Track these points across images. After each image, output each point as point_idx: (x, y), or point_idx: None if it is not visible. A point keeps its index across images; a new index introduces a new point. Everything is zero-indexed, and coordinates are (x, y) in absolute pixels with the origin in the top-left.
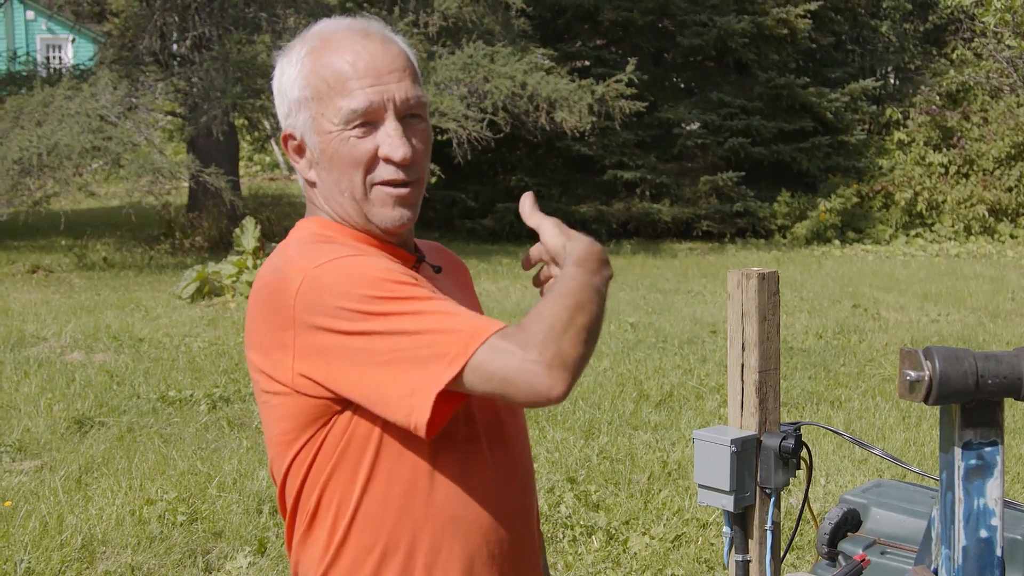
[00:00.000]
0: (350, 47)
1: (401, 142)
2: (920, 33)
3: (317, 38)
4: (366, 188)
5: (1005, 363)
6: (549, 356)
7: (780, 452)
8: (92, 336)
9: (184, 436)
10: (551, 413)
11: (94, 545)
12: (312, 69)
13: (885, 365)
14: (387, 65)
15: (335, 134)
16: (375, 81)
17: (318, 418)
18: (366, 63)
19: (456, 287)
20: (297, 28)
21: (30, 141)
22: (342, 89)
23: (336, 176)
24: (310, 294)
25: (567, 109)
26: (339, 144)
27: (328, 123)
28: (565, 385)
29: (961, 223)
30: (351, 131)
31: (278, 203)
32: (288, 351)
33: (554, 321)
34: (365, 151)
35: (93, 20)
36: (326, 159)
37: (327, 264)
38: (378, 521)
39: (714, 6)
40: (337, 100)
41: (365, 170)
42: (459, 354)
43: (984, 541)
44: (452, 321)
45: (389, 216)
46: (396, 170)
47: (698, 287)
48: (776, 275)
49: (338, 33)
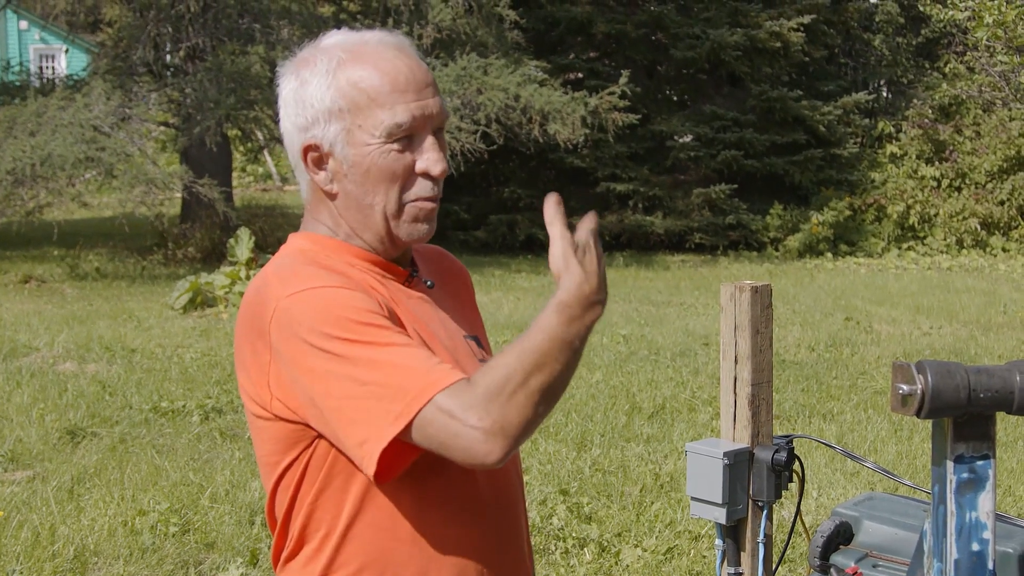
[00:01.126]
0: (389, 60)
1: (439, 157)
2: (913, 47)
3: (346, 50)
4: (400, 204)
5: (997, 377)
6: (489, 422)
7: (773, 465)
8: (84, 346)
9: (176, 447)
10: (543, 426)
11: (86, 556)
12: (348, 81)
13: (877, 378)
14: (423, 80)
15: (374, 147)
16: (417, 96)
17: (298, 441)
18: (407, 78)
19: (452, 299)
20: (291, 39)
21: (23, 151)
22: (384, 102)
23: (367, 189)
24: (282, 323)
25: (560, 121)
26: (378, 157)
27: (367, 135)
28: (501, 452)
29: (953, 236)
30: (391, 144)
31: (271, 214)
32: (265, 376)
33: (504, 381)
34: (404, 166)
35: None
36: (360, 172)
37: (297, 295)
38: (366, 544)
39: (707, 19)
40: (378, 113)
41: (401, 185)
42: (403, 412)
43: (976, 554)
44: (403, 376)
45: (417, 230)
46: (431, 186)
47: (691, 299)
48: (769, 288)
49: (370, 46)
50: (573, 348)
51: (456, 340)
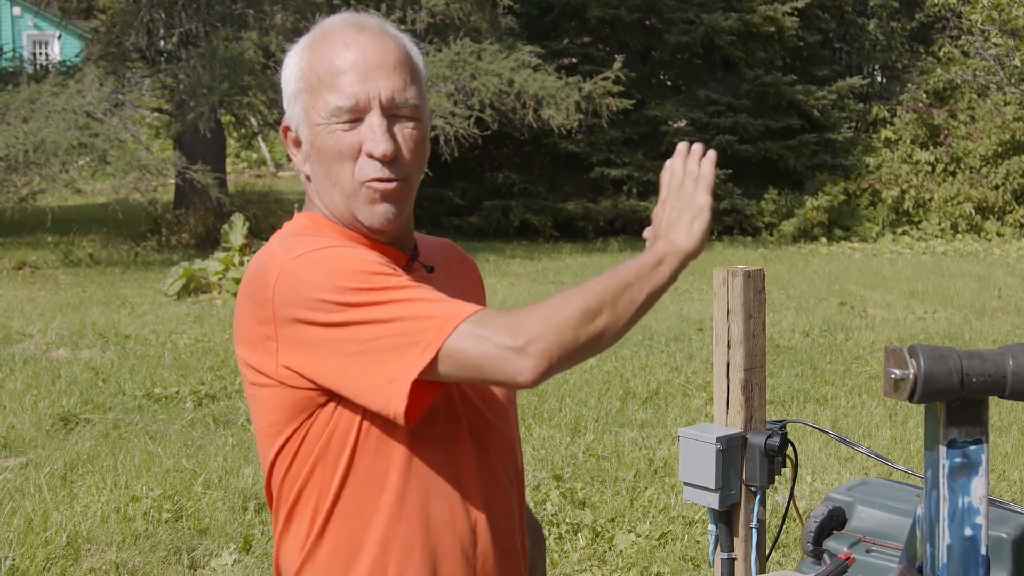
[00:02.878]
0: (342, 40)
1: (384, 138)
2: (907, 31)
3: (317, 32)
4: (355, 185)
5: (990, 361)
6: (522, 341)
7: (766, 450)
8: (78, 333)
9: (170, 433)
10: (537, 410)
11: (79, 542)
12: (307, 62)
13: (871, 363)
14: (377, 60)
15: (322, 127)
16: (363, 76)
17: (302, 410)
18: (355, 57)
19: (456, 285)
20: (284, 24)
21: (16, 138)
22: (331, 83)
23: (326, 169)
24: (287, 286)
25: (554, 106)
26: (326, 137)
27: (317, 116)
28: (534, 372)
29: (948, 221)
30: (337, 125)
31: (265, 200)
32: (271, 343)
33: (554, 308)
34: (349, 145)
35: (80, 16)
36: (316, 152)
37: (304, 256)
38: (354, 517)
39: (701, 4)
40: (325, 94)
41: (352, 164)
42: (432, 341)
43: (969, 539)
44: (427, 308)
45: (374, 213)
46: (381, 167)
47: (685, 284)
48: (762, 273)
49: (335, 27)
50: (647, 293)
51: None
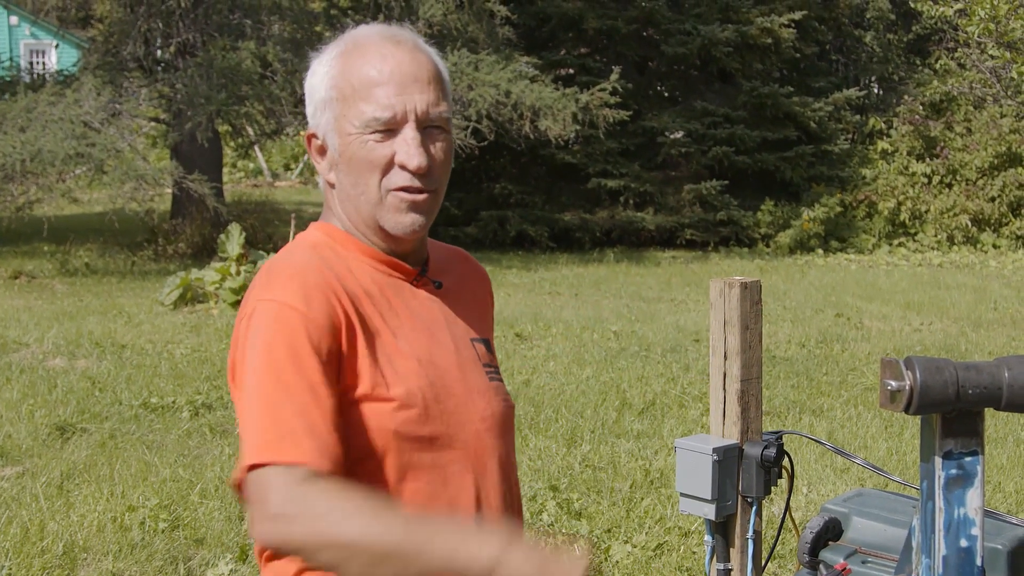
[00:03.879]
0: (379, 52)
1: (418, 151)
2: (904, 43)
3: (350, 42)
4: (381, 193)
5: (986, 373)
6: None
7: (762, 461)
8: (74, 342)
9: (166, 443)
10: (533, 421)
11: (75, 552)
12: (340, 71)
13: (867, 374)
14: (413, 74)
15: (355, 136)
16: (399, 90)
17: None
18: (392, 70)
19: (467, 301)
20: (282, 34)
21: (13, 147)
22: (367, 94)
23: (354, 179)
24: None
25: (551, 117)
26: (358, 147)
27: (349, 125)
28: (268, 538)
29: (944, 233)
30: (370, 135)
31: (262, 209)
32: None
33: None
34: (382, 156)
35: (77, 26)
36: (345, 161)
37: (264, 303)
38: None
39: (698, 15)
40: (360, 104)
41: (381, 174)
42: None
43: (964, 551)
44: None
45: (401, 222)
46: (411, 177)
47: (681, 295)
48: (758, 284)
49: (370, 38)
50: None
51: (461, 343)
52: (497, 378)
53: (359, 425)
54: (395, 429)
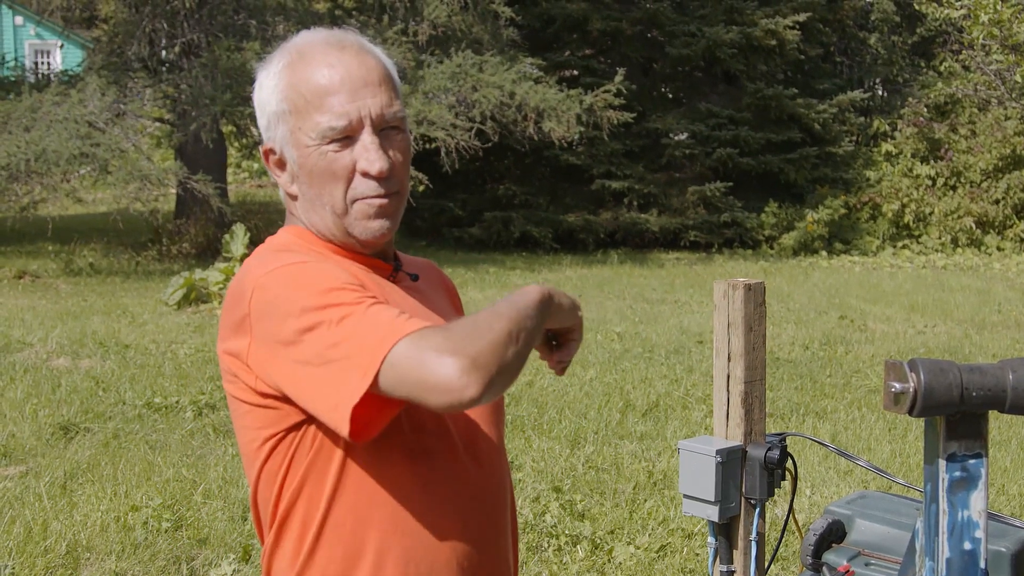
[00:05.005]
0: (325, 60)
1: (378, 155)
2: (908, 45)
3: (294, 51)
4: (347, 203)
5: (990, 375)
6: (464, 358)
7: (765, 463)
8: (78, 342)
9: (169, 443)
10: (536, 422)
11: (78, 551)
12: (289, 83)
13: (871, 376)
14: (363, 79)
15: (313, 148)
16: (351, 96)
17: (286, 426)
18: (341, 76)
19: (436, 300)
20: (286, 35)
21: (18, 147)
22: (319, 104)
23: (317, 190)
24: (259, 303)
25: (555, 119)
26: (317, 159)
27: (306, 137)
28: (479, 387)
29: (948, 235)
30: (328, 146)
31: (266, 210)
32: (248, 359)
33: (480, 325)
34: (343, 166)
35: (82, 26)
36: (306, 173)
37: (274, 271)
38: (345, 532)
39: (703, 17)
40: (314, 115)
41: (346, 184)
42: (369, 364)
43: (968, 553)
44: (373, 329)
45: (369, 228)
46: (376, 185)
47: (685, 297)
48: (762, 286)
49: (314, 46)
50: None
51: None
52: None
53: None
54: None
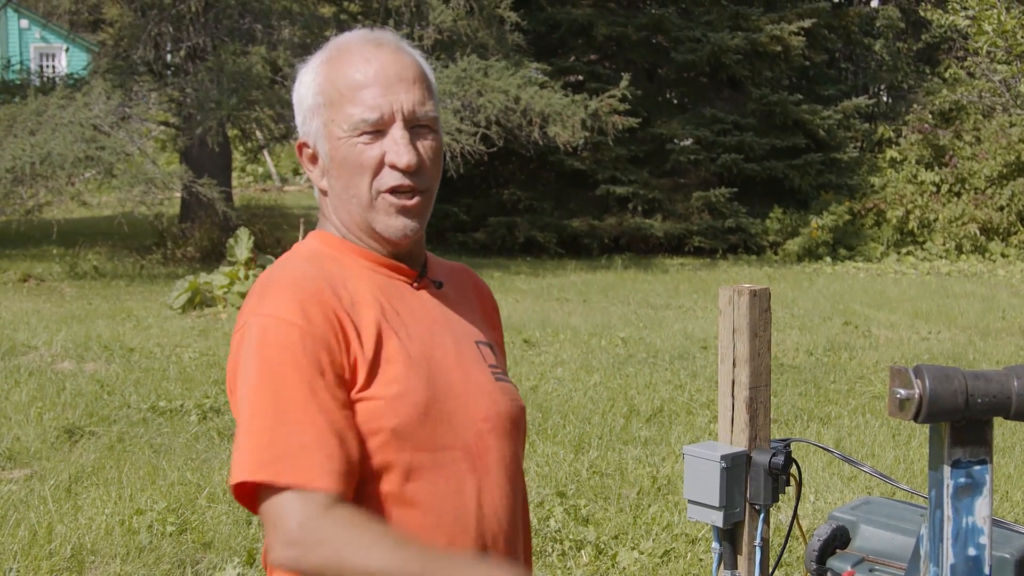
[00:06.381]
0: (362, 55)
1: (407, 149)
2: (913, 52)
3: (333, 48)
4: (372, 195)
5: (995, 382)
6: (299, 559)
7: (770, 468)
8: (83, 345)
9: (174, 446)
10: (541, 427)
11: (83, 555)
12: (325, 77)
13: (875, 383)
14: (397, 74)
15: (344, 140)
16: (385, 90)
17: None
18: (376, 71)
19: (468, 308)
20: (292, 39)
21: (23, 150)
22: (353, 97)
23: (344, 182)
24: (241, 339)
25: (560, 124)
26: (348, 150)
27: (338, 129)
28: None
29: (952, 241)
30: (358, 138)
31: (271, 214)
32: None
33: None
34: (371, 157)
35: (87, 29)
36: (336, 166)
37: (259, 317)
38: None
39: (708, 22)
40: (347, 108)
41: (372, 176)
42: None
43: (972, 559)
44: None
45: (393, 225)
46: (401, 176)
47: (689, 303)
48: (767, 292)
49: (352, 43)
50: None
51: (464, 343)
52: (505, 379)
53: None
54: (393, 428)
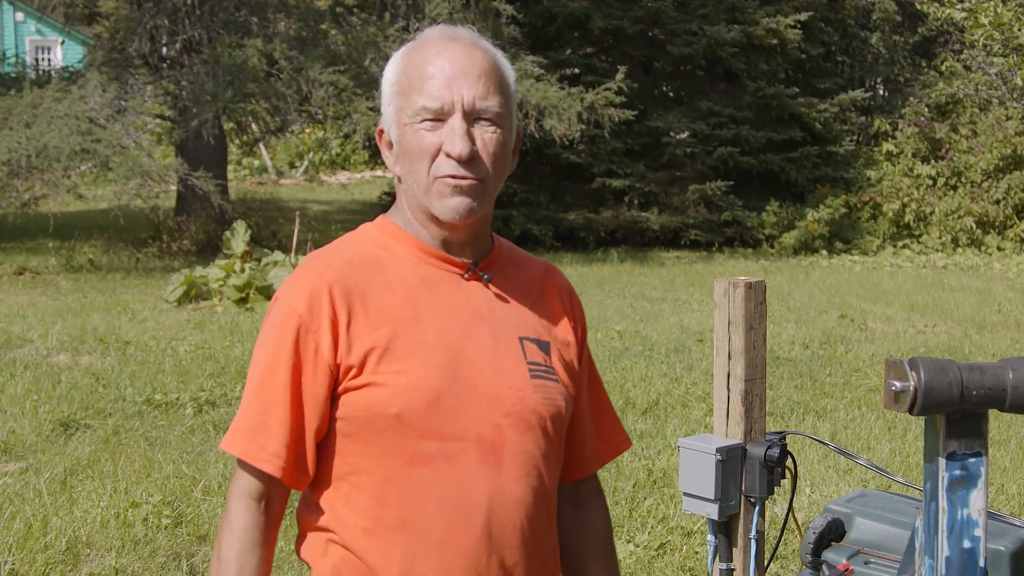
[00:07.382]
0: (435, 49)
1: (461, 139)
2: (909, 45)
3: (415, 41)
4: (429, 180)
5: (990, 374)
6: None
7: (765, 461)
8: (78, 338)
9: (169, 439)
10: None
11: (78, 547)
12: (402, 67)
13: (871, 375)
14: (463, 68)
15: (409, 126)
16: (449, 83)
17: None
18: (444, 64)
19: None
20: (288, 32)
21: (19, 143)
22: (420, 87)
23: (408, 167)
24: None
25: (556, 117)
26: (411, 136)
27: (405, 116)
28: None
29: (948, 235)
30: (420, 125)
31: (266, 207)
32: None
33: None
34: (430, 144)
35: (83, 22)
36: (402, 151)
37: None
38: (356, 533)
39: (704, 15)
40: (414, 96)
41: (430, 161)
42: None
43: (967, 551)
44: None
45: (447, 205)
46: (456, 166)
47: (685, 296)
48: (763, 284)
49: (431, 37)
50: None
51: (503, 338)
52: (544, 376)
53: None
54: (397, 414)
